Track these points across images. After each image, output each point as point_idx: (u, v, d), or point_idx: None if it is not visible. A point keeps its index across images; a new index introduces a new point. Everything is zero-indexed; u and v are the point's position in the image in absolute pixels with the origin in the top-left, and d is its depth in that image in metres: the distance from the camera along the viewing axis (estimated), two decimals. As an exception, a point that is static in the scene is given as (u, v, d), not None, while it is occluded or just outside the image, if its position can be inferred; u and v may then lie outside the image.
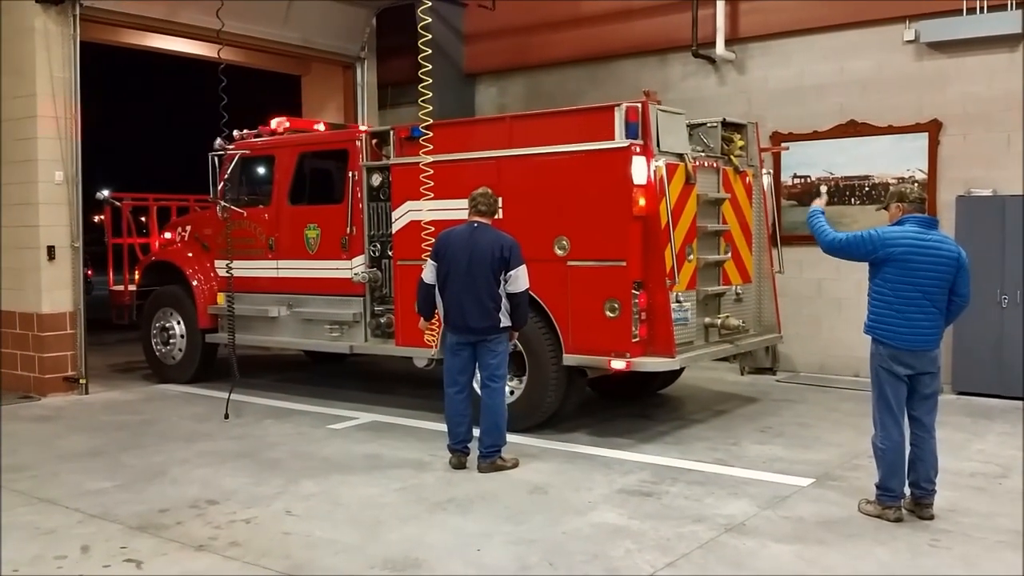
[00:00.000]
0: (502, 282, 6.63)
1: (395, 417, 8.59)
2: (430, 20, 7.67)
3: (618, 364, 7.31)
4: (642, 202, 7.25)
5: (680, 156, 7.61)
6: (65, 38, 9.85)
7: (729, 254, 8.36)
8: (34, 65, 9.69)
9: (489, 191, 6.90)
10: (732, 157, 8.45)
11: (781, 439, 7.64)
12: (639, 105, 7.32)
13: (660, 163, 7.30)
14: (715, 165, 8.24)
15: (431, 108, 7.77)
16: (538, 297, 7.55)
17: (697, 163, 7.82)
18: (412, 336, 8.12)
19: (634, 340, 7.26)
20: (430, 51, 7.70)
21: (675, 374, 9.02)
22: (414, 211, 8.32)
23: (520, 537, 5.29)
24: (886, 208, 5.76)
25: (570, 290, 7.54)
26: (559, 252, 7.60)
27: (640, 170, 7.25)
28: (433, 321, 7.09)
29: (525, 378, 7.81)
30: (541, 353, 7.67)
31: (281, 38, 12.23)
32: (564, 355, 7.59)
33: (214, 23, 9.22)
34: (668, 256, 7.27)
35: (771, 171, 9.26)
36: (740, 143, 8.57)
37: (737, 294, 8.48)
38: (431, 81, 7.71)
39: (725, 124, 8.50)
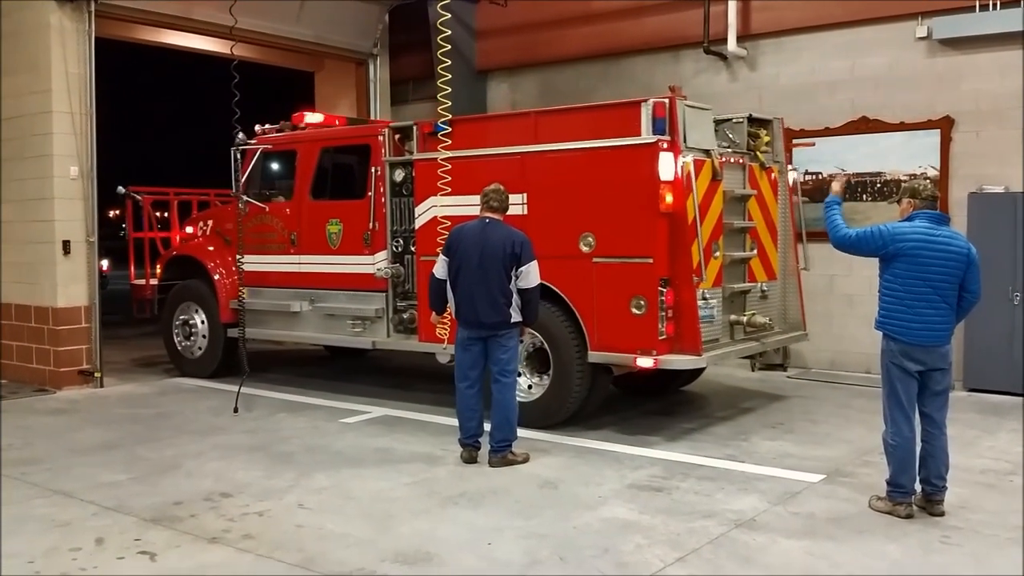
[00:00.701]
0: (513, 278, 6.64)
1: (407, 412, 8.63)
2: (448, 16, 7.68)
3: (644, 362, 7.26)
4: (669, 198, 7.19)
5: (707, 152, 7.57)
6: (80, 34, 9.92)
7: (755, 251, 8.32)
8: (49, 61, 9.76)
9: (501, 187, 6.89)
10: (758, 153, 8.41)
11: (792, 435, 7.65)
12: (666, 101, 7.26)
13: (687, 159, 7.25)
14: (741, 161, 8.20)
15: (449, 103, 7.78)
16: (563, 294, 7.55)
17: (723, 159, 7.78)
18: (435, 332, 8.10)
19: (660, 338, 7.20)
20: (449, 47, 7.71)
21: (697, 371, 8.98)
22: (437, 206, 8.30)
23: (530, 531, 5.32)
24: (898, 203, 5.77)
25: (596, 287, 7.48)
26: (585, 249, 7.54)
27: (667, 166, 7.20)
28: (445, 315, 7.12)
29: (549, 375, 7.77)
30: (566, 350, 7.62)
31: (294, 35, 12.28)
32: (589, 352, 7.53)
33: (228, 19, 9.26)
34: (695, 253, 7.21)
35: (796, 167, 9.18)
36: (766, 139, 8.53)
37: (763, 291, 8.42)
38: (450, 77, 7.73)
39: (751, 120, 8.46)
